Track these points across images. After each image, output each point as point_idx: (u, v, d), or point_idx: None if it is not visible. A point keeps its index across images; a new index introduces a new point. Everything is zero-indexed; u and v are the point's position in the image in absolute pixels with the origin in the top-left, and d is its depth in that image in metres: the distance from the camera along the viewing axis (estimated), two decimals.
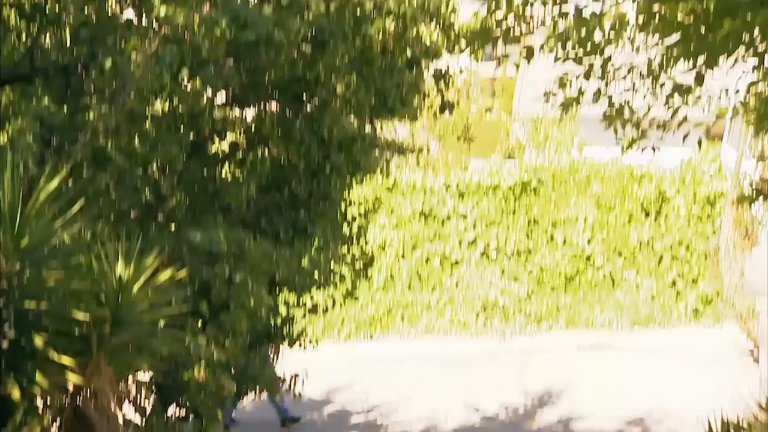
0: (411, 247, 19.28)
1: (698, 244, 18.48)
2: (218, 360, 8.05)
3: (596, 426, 13.36)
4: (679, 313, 18.37)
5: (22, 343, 6.08)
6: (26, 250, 6.00)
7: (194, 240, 7.93)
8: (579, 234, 18.91)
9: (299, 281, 9.19)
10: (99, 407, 6.54)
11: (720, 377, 13.98)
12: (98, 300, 6.39)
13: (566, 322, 18.60)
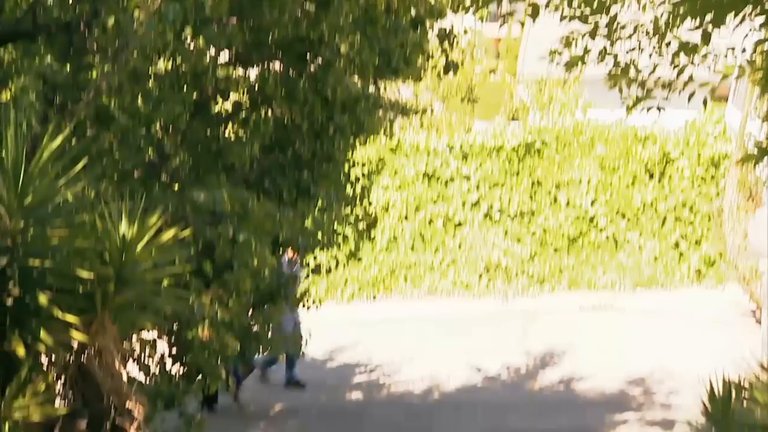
0: (414, 209, 19.29)
1: (702, 205, 18.47)
2: (222, 319, 8.08)
3: (598, 386, 13.43)
4: (682, 274, 18.40)
5: (26, 300, 6.11)
6: (30, 208, 6.00)
7: (198, 200, 7.92)
8: (582, 195, 18.90)
9: (302, 242, 9.19)
10: (103, 365, 6.57)
11: (722, 338, 14.03)
12: (102, 258, 6.40)
13: (569, 284, 18.64)
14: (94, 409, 6.63)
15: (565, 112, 20.37)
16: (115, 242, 6.34)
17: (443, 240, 19.21)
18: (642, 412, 12.35)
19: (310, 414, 12.49)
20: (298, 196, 9.50)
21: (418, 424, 12.17)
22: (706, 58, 7.11)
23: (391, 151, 19.28)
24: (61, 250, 6.28)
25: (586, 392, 13.34)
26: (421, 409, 12.83)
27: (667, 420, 11.86)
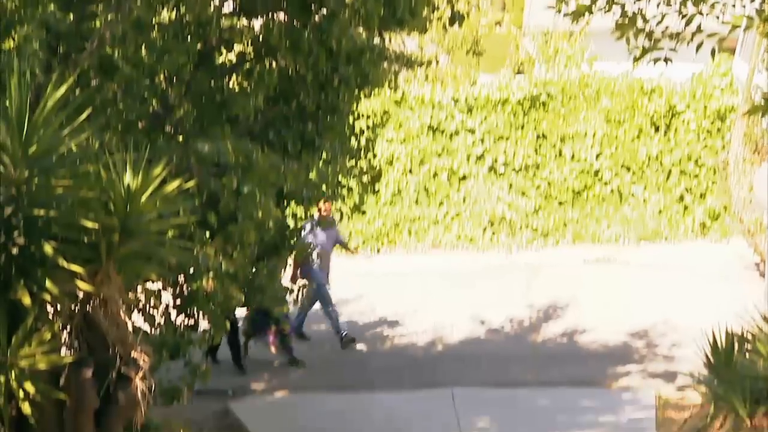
0: (419, 162, 19.25)
1: (707, 158, 18.41)
2: (226, 270, 8.10)
3: (601, 338, 13.48)
4: (686, 227, 18.40)
5: (31, 250, 6.13)
6: (34, 158, 6.00)
7: (202, 151, 7.91)
8: (587, 149, 18.84)
9: (307, 194, 9.18)
10: (108, 315, 6.61)
11: (726, 291, 14.06)
12: (106, 209, 6.41)
13: (573, 237, 18.65)
14: (99, 358, 6.68)
15: (570, 64, 20.21)
16: (120, 193, 6.34)
17: (447, 193, 19.20)
18: (645, 364, 12.41)
19: (313, 365, 12.56)
20: (302, 148, 9.48)
21: (422, 376, 12.24)
22: (714, 8, 7.04)
23: (396, 104, 19.20)
24: (66, 200, 6.29)
25: (589, 344, 13.40)
26: (424, 360, 12.91)
27: (669, 372, 11.92)
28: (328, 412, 11.03)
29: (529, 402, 11.17)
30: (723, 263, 16.43)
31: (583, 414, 10.62)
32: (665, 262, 16.97)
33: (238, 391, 11.83)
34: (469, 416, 10.57)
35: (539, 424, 10.24)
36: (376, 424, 10.52)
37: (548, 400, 11.24)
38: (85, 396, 6.60)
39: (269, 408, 11.33)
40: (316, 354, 12.79)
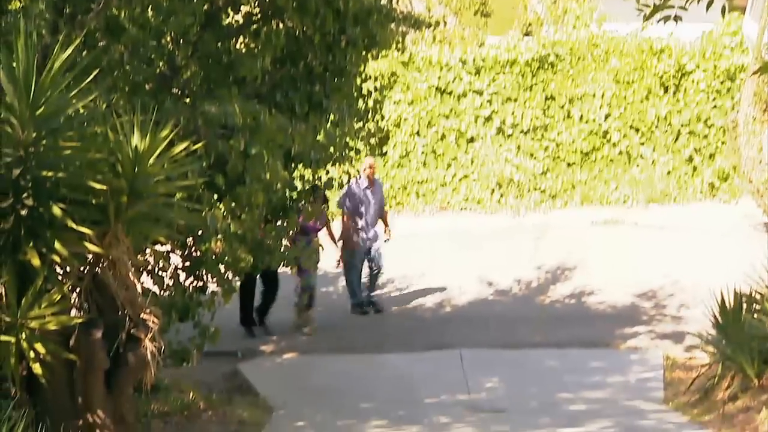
0: (426, 124, 19.20)
1: (716, 119, 18.33)
2: (235, 232, 8.11)
3: (609, 300, 13.50)
4: (695, 188, 18.35)
5: (40, 211, 6.14)
6: (42, 119, 6.00)
7: (209, 112, 7.88)
8: (596, 110, 18.76)
9: (315, 156, 9.16)
10: (118, 277, 6.64)
11: (734, 252, 14.03)
12: (114, 171, 6.42)
13: (581, 199, 18.62)
14: (109, 319, 6.72)
15: (579, 25, 20.07)
16: (128, 154, 6.35)
17: (455, 155, 19.16)
18: (653, 324, 12.43)
19: (321, 327, 12.60)
20: (310, 110, 9.44)
21: (430, 337, 12.28)
22: None
23: (403, 65, 19.12)
24: (74, 161, 6.30)
25: (597, 306, 13.42)
26: (432, 322, 12.94)
27: (677, 332, 11.94)
28: (336, 372, 11.08)
29: (537, 363, 11.21)
30: (732, 224, 16.41)
31: (591, 374, 10.65)
32: (674, 223, 16.95)
33: (247, 353, 11.89)
34: (477, 377, 10.61)
35: (547, 385, 10.28)
36: (384, 384, 10.56)
37: (556, 360, 11.27)
38: (95, 357, 6.65)
39: (278, 369, 11.39)
40: (325, 317, 12.82)
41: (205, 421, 8.65)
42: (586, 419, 8.86)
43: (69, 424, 6.64)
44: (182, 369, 9.62)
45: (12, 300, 6.05)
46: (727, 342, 9.16)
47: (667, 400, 9.66)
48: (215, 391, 10.05)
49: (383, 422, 8.92)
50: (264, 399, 9.90)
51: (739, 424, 8.19)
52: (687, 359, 10.78)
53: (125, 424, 7.04)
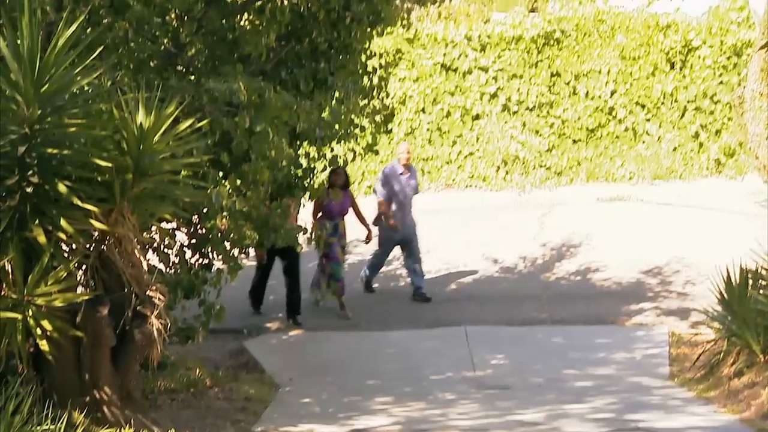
0: (431, 101, 19.16)
1: (723, 94, 18.26)
2: (240, 210, 8.11)
3: (614, 277, 13.50)
4: (701, 165, 18.32)
5: (46, 188, 6.15)
6: (47, 96, 6.00)
7: (214, 90, 7.87)
8: (602, 86, 18.71)
9: (320, 133, 9.14)
10: (123, 254, 6.65)
11: (740, 228, 14.03)
12: (120, 148, 6.42)
13: (587, 176, 18.61)
14: (115, 296, 6.74)
15: (585, 0, 20.01)
16: (133, 132, 6.35)
17: (460, 132, 19.14)
18: (658, 301, 12.43)
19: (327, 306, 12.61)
20: (314, 87, 9.43)
21: (435, 314, 12.29)
22: None
23: (408, 42, 19.07)
24: (79, 139, 6.30)
25: (602, 283, 13.42)
26: (437, 299, 12.94)
27: (683, 309, 11.93)
28: (342, 349, 11.10)
29: (542, 339, 11.22)
30: (737, 200, 16.39)
31: (597, 351, 10.66)
32: (680, 200, 16.94)
33: (253, 330, 11.91)
34: (483, 353, 10.63)
35: (552, 361, 10.29)
36: (389, 360, 10.59)
37: (561, 337, 11.28)
38: (101, 333, 6.68)
39: (284, 346, 11.42)
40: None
41: (211, 398, 8.67)
42: (592, 395, 8.87)
43: (76, 401, 6.68)
44: (188, 346, 9.64)
45: (18, 277, 6.07)
46: (732, 318, 9.16)
47: (673, 376, 9.67)
48: (221, 368, 10.08)
49: (389, 398, 8.95)
50: (270, 376, 9.93)
51: (744, 400, 8.20)
52: (692, 335, 10.78)
53: (132, 401, 7.08)
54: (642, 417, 7.81)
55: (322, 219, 12.17)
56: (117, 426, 6.67)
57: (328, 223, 12.11)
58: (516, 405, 8.51)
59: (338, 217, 12.30)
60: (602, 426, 7.59)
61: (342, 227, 12.35)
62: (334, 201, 12.08)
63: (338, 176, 12.17)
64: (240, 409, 8.44)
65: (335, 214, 12.25)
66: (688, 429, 7.48)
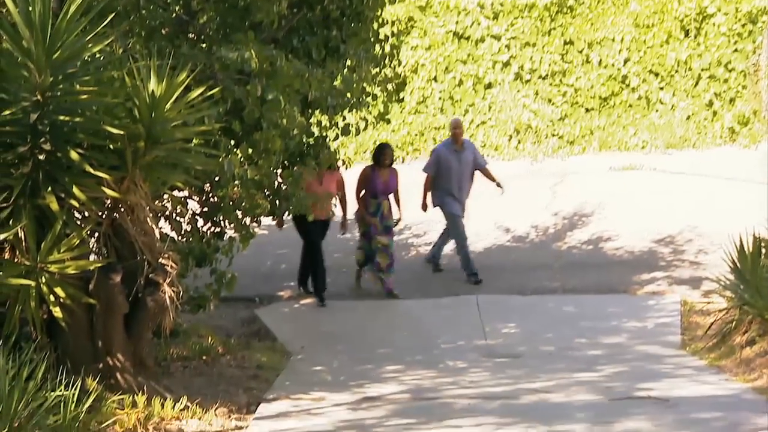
0: (444, 69, 19.08)
1: (737, 62, 18.13)
2: (252, 178, 8.12)
3: (627, 246, 13.48)
4: (715, 133, 18.22)
5: (58, 156, 6.16)
6: (58, 63, 5.99)
7: (226, 57, 7.85)
8: (615, 54, 18.60)
9: (331, 101, 9.12)
10: (136, 222, 6.67)
11: (754, 197, 13.95)
12: (131, 116, 6.42)
13: (599, 145, 18.53)
14: (127, 264, 6.76)
15: None
16: (144, 99, 6.34)
17: (473, 101, 19.06)
18: (670, 270, 12.41)
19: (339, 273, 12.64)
20: (326, 55, 9.40)
21: (446, 283, 12.32)
22: None
23: (420, 10, 18.97)
24: (91, 106, 6.30)
25: (614, 251, 13.40)
26: (448, 268, 12.95)
27: (695, 278, 11.92)
28: (354, 318, 11.14)
29: (553, 309, 11.22)
30: (751, 169, 16.30)
31: (608, 320, 10.66)
32: (693, 168, 16.87)
33: (265, 298, 11.95)
34: (494, 322, 10.64)
35: (564, 330, 10.30)
36: (401, 328, 10.62)
37: (572, 306, 11.29)
38: (114, 301, 6.71)
39: (295, 314, 11.45)
40: (342, 264, 12.85)
41: (223, 366, 8.72)
42: (603, 364, 8.88)
43: (89, 367, 6.72)
44: (200, 314, 9.69)
45: (31, 244, 6.10)
46: (745, 287, 9.14)
47: (684, 344, 9.67)
48: (233, 336, 10.12)
49: (400, 367, 8.98)
50: (281, 344, 9.97)
51: (757, 368, 8.20)
52: (704, 304, 10.77)
53: (144, 368, 7.12)
54: (653, 385, 7.82)
55: (366, 197, 11.91)
56: (130, 392, 6.71)
57: (372, 201, 11.85)
58: (527, 373, 8.53)
59: (382, 196, 11.91)
60: (613, 394, 7.60)
61: (386, 207, 11.95)
62: (379, 179, 11.82)
63: (384, 154, 11.90)
64: (252, 376, 8.48)
65: (379, 193, 11.88)
66: (699, 397, 7.48)
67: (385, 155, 11.87)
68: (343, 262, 12.94)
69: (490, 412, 7.13)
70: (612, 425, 6.70)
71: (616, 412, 7.04)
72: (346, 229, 12.18)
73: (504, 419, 6.93)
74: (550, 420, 6.86)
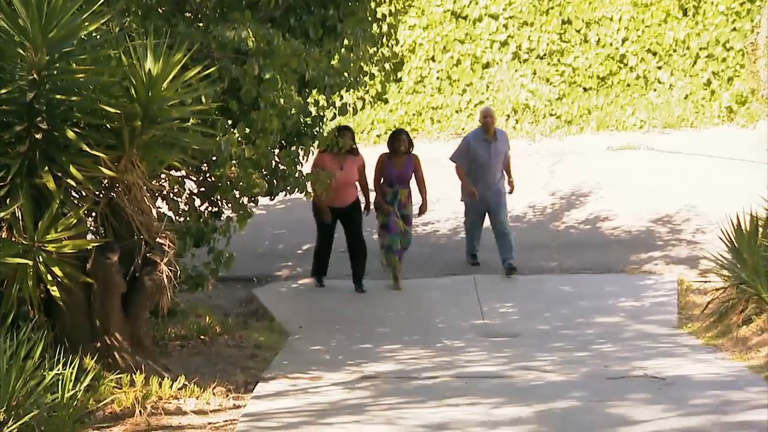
0: (441, 49, 19.04)
1: (735, 41, 18.09)
2: (249, 158, 8.11)
3: (624, 226, 13.49)
4: (713, 113, 18.20)
5: (55, 135, 6.15)
6: (54, 42, 5.97)
7: (223, 36, 7.82)
8: (613, 33, 18.56)
9: (329, 81, 9.08)
10: (133, 201, 6.67)
11: (751, 176, 13.95)
12: (128, 95, 6.40)
13: (597, 124, 18.51)
14: (125, 243, 6.76)
15: None
16: (141, 78, 6.33)
17: (470, 81, 19.03)
18: (667, 249, 12.43)
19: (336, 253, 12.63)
20: (323, 34, 9.35)
21: (442, 262, 12.33)
22: None
23: None
24: (87, 85, 6.28)
25: (611, 231, 13.41)
26: (446, 248, 12.97)
27: (692, 257, 11.94)
28: (351, 296, 11.16)
29: (551, 288, 11.25)
30: (749, 148, 16.30)
31: (605, 299, 10.69)
32: (690, 148, 16.86)
33: (263, 278, 11.97)
34: (491, 302, 10.67)
35: (561, 310, 10.32)
36: (398, 308, 10.64)
37: (570, 286, 11.32)
38: (111, 280, 6.72)
39: (293, 293, 11.47)
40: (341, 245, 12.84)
41: (221, 345, 8.74)
42: (600, 343, 8.91)
43: (87, 347, 6.73)
44: (198, 294, 9.70)
45: (29, 224, 6.10)
46: (742, 266, 9.16)
47: (681, 324, 9.70)
48: (231, 315, 10.14)
49: (397, 346, 9.00)
50: (279, 323, 9.99)
51: (753, 347, 8.23)
52: (701, 283, 10.80)
53: (142, 347, 7.14)
54: (649, 364, 7.84)
55: (383, 185, 11.48)
56: (128, 372, 6.73)
57: (388, 190, 11.41)
58: (524, 353, 8.56)
59: (398, 184, 11.43)
60: (609, 373, 7.63)
61: (403, 195, 11.47)
62: (394, 167, 11.39)
63: (398, 140, 11.50)
64: (250, 356, 8.50)
65: (395, 181, 11.42)
66: (696, 376, 7.51)
67: (399, 142, 11.46)
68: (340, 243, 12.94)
69: (487, 391, 7.15)
70: (608, 404, 6.72)
71: (613, 391, 7.06)
72: (369, 211, 11.59)
73: (501, 398, 6.96)
74: (547, 399, 6.89)
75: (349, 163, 11.15)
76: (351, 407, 6.79)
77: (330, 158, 10.83)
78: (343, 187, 10.97)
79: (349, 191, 11.22)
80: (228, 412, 6.63)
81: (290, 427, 6.34)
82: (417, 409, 6.75)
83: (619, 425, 6.21)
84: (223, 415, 6.55)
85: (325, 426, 6.30)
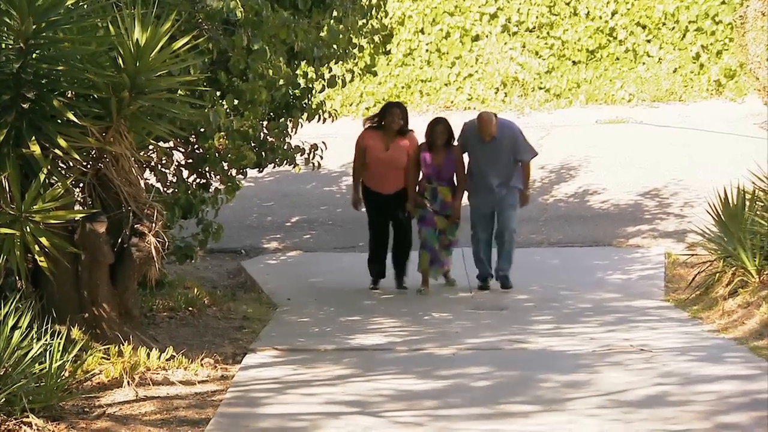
0: (430, 21, 18.97)
1: (725, 15, 18.08)
2: (237, 129, 8.09)
3: (612, 199, 13.53)
4: (701, 86, 18.22)
5: (42, 105, 6.12)
6: (41, 10, 5.92)
7: (211, 6, 7.77)
8: (602, 6, 18.52)
9: (317, 53, 9.05)
10: (121, 172, 6.64)
11: (739, 150, 14.01)
12: (116, 65, 6.37)
13: (586, 98, 18.52)
14: (113, 214, 6.75)
15: None
16: (129, 48, 6.29)
17: (460, 54, 19.00)
18: (655, 223, 12.47)
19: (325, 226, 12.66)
20: (313, 5, 9.30)
21: None
22: None
23: None
24: (74, 55, 6.24)
25: (599, 205, 13.45)
26: None
27: (680, 230, 11.99)
28: (339, 269, 11.18)
29: (539, 261, 11.28)
30: (737, 122, 16.35)
31: (593, 272, 10.73)
32: (679, 122, 16.89)
33: (251, 250, 11.97)
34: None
35: (548, 282, 10.36)
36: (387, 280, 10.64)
37: (558, 259, 11.36)
38: (99, 251, 6.70)
39: (281, 266, 11.48)
40: (329, 217, 12.88)
41: (209, 317, 8.74)
42: (587, 316, 8.95)
43: (74, 317, 6.73)
44: (187, 266, 9.70)
45: (16, 194, 6.08)
46: (728, 239, 9.20)
47: (668, 296, 9.74)
48: (219, 287, 10.15)
49: (385, 319, 9.02)
50: (267, 296, 10.00)
51: (738, 320, 8.28)
52: (688, 257, 10.84)
53: (130, 318, 7.13)
54: (636, 336, 7.89)
55: (422, 180, 10.16)
56: (115, 342, 6.73)
57: (427, 186, 10.05)
58: (511, 325, 8.59)
59: (437, 181, 10.04)
60: (595, 345, 7.67)
61: (444, 194, 10.09)
62: (430, 162, 10.01)
63: (436, 132, 9.99)
64: (238, 327, 8.51)
65: (432, 178, 10.05)
66: (681, 348, 7.55)
67: (435, 134, 9.94)
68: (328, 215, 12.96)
69: (474, 362, 7.18)
70: (595, 375, 6.76)
71: (600, 362, 7.10)
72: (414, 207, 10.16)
73: (488, 369, 6.99)
74: (534, 370, 6.92)
75: (397, 144, 10.02)
76: (339, 379, 6.81)
77: (374, 136, 10.06)
78: (387, 171, 9.98)
79: (395, 176, 10.00)
80: (216, 383, 6.64)
81: (278, 396, 6.35)
82: (403, 380, 6.77)
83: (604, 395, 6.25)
84: (210, 386, 6.56)
85: (312, 396, 6.32)
